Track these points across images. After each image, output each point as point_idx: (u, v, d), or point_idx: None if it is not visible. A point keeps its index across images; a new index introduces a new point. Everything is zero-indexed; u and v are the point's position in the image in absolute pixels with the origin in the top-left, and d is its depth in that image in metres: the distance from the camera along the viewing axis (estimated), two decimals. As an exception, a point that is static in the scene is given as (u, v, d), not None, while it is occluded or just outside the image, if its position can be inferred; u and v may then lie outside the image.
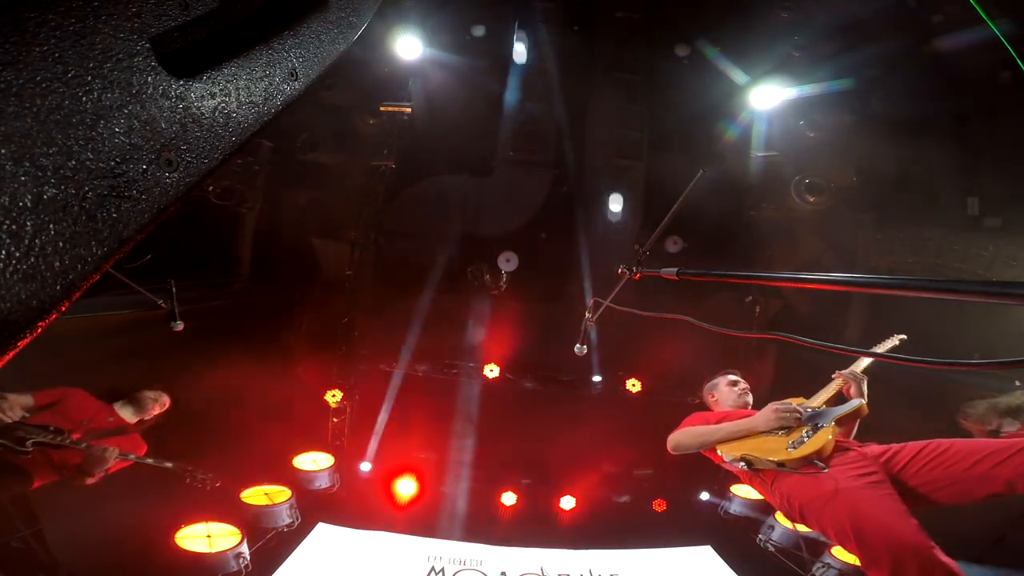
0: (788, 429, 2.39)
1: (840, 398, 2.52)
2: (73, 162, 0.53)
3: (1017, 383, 3.68)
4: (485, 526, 5.00)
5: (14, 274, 0.47)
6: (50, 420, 2.84)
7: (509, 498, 5.36)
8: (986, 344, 3.71)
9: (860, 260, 5.37)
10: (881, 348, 2.65)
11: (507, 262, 5.66)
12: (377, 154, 5.53)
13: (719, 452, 2.46)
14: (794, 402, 2.56)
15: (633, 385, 5.68)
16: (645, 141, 5.72)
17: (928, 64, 4.56)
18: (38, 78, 0.50)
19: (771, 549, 4.62)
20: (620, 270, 2.01)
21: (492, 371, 5.56)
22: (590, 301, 2.84)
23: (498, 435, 5.55)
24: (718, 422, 2.59)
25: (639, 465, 5.64)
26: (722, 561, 4.56)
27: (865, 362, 2.56)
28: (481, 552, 4.43)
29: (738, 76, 5.16)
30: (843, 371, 2.55)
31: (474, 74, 5.39)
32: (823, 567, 4.07)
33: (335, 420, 5.45)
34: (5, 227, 0.47)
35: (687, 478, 5.52)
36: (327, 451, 5.23)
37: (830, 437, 2.27)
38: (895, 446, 2.26)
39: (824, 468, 2.18)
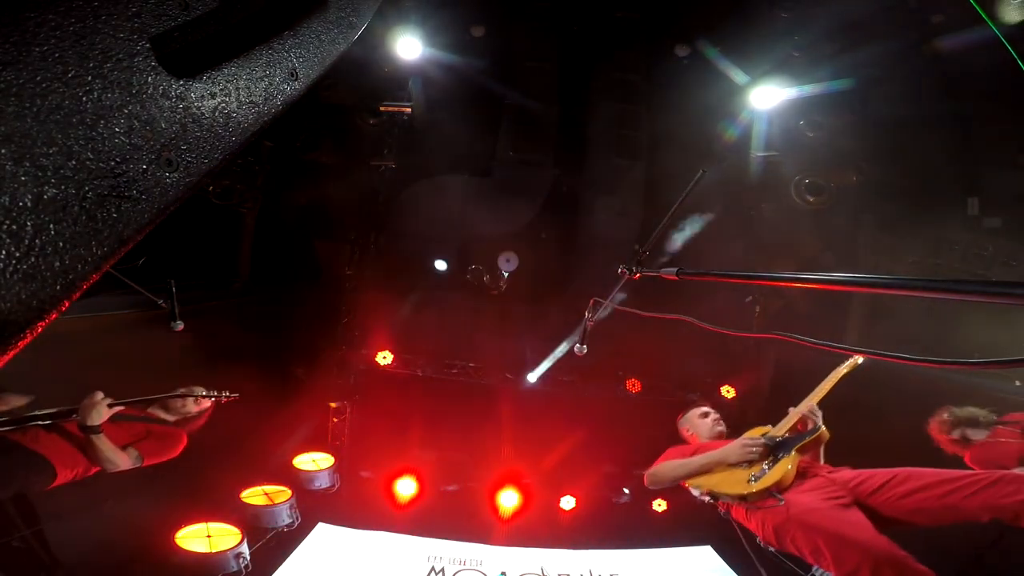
0: (751, 462, 2.45)
1: (805, 424, 2.56)
2: (73, 162, 0.53)
3: (1017, 382, 3.69)
4: (485, 526, 4.99)
5: (14, 274, 0.47)
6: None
7: (509, 498, 5.35)
8: (986, 343, 3.71)
9: (860, 260, 5.37)
10: (844, 367, 2.64)
11: (507, 262, 5.65)
12: (377, 154, 5.53)
13: (686, 485, 2.51)
14: (759, 432, 2.61)
15: (633, 385, 5.67)
16: (645, 141, 5.72)
17: (928, 64, 4.56)
18: (38, 78, 0.50)
19: (771, 549, 4.61)
20: (620, 270, 2.01)
21: (492, 371, 5.55)
22: (590, 301, 2.85)
23: (498, 435, 5.54)
24: (693, 454, 2.69)
25: (639, 465, 5.64)
26: (722, 561, 4.56)
27: (821, 394, 2.59)
28: (481, 552, 4.43)
29: (738, 76, 5.16)
30: (797, 407, 2.59)
31: (474, 74, 5.39)
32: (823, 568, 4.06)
33: (335, 420, 5.45)
34: (5, 227, 0.46)
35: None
36: (327, 451, 5.22)
37: (789, 467, 2.33)
38: (865, 472, 2.31)
39: (781, 501, 2.26)
